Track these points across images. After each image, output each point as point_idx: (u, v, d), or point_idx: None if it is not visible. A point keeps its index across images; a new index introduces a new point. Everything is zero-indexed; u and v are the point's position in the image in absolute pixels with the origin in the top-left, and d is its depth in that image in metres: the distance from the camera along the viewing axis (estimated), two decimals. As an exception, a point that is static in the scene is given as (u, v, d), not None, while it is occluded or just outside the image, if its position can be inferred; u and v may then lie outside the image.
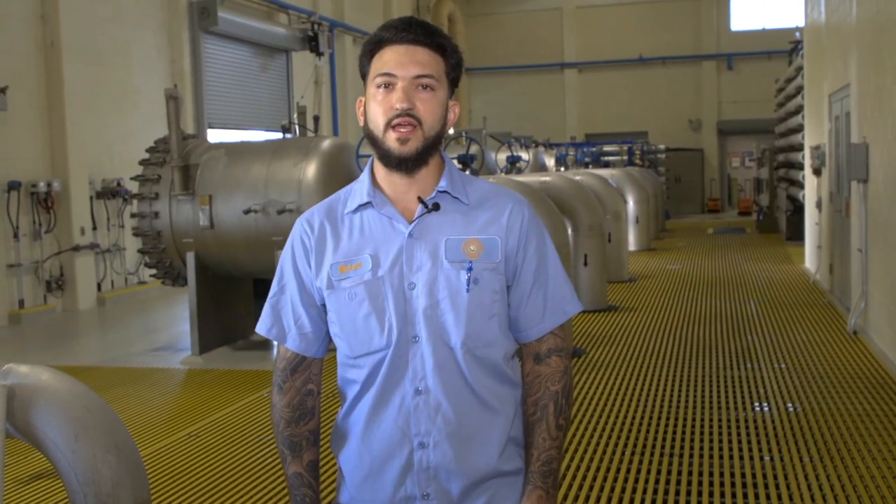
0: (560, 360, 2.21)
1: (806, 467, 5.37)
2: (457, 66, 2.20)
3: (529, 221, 2.21)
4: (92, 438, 2.80)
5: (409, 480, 2.13)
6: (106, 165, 13.90)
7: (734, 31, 32.02)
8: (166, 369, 8.90)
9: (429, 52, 2.12)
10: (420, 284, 2.11)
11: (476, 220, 2.16)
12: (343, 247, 2.18)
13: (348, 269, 2.15)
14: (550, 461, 2.17)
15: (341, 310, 2.17)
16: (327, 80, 22.12)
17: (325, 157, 8.71)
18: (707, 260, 16.59)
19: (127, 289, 14.28)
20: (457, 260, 2.11)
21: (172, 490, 5.41)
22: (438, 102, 2.12)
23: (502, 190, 2.25)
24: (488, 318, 2.13)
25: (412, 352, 2.11)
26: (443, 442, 2.10)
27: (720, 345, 8.90)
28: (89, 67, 13.72)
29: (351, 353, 2.18)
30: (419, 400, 2.10)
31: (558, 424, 2.18)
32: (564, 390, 2.20)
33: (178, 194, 8.88)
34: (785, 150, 19.65)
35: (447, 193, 2.17)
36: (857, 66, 9.50)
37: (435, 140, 2.14)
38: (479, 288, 2.11)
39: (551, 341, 2.21)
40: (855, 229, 9.48)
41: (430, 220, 2.14)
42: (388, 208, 2.16)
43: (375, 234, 2.16)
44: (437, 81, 2.12)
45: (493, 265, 2.13)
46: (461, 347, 2.10)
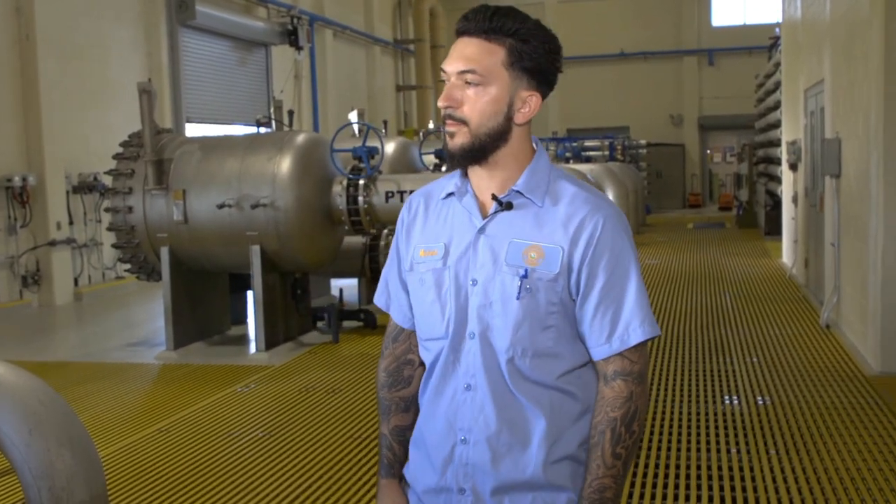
0: (625, 385, 2.07)
1: (772, 460, 5.41)
2: (532, 53, 2.05)
3: (604, 233, 2.06)
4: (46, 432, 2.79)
5: (450, 472, 2.15)
6: (83, 160, 13.82)
7: (715, 26, 32.11)
8: (140, 365, 8.87)
9: (481, 42, 2.04)
10: (480, 282, 2.09)
11: (545, 225, 2.08)
12: (428, 231, 2.21)
13: (426, 255, 2.18)
14: (603, 490, 2.06)
15: (414, 292, 2.22)
16: (307, 74, 22.05)
17: (299, 152, 8.69)
18: (686, 255, 16.66)
19: (104, 284, 14.22)
20: (514, 264, 2.06)
21: (140, 486, 5.40)
22: (488, 99, 2.04)
23: (588, 195, 2.11)
24: (542, 329, 2.07)
25: (466, 347, 2.11)
26: (482, 442, 2.10)
27: (694, 339, 8.94)
28: (65, 61, 13.65)
29: (421, 335, 2.23)
30: (468, 396, 2.11)
31: (615, 453, 2.06)
32: (625, 417, 2.06)
33: (151, 189, 8.85)
34: (764, 145, 19.75)
35: (521, 194, 2.10)
36: (830, 62, 9.55)
37: (491, 137, 2.06)
38: (532, 297, 2.05)
39: (618, 363, 2.08)
40: (828, 224, 9.54)
41: (503, 218, 2.10)
42: (468, 200, 2.15)
43: (455, 224, 2.16)
44: (485, 76, 2.03)
45: (550, 275, 2.05)
46: (505, 353, 2.07)
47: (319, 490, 5.23)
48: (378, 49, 26.67)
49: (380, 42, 26.73)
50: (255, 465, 5.70)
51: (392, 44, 27.86)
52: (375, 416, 6.65)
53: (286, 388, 7.59)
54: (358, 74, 25.52)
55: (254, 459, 5.79)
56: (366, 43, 26.04)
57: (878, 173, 7.35)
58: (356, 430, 6.37)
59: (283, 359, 8.70)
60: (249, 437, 6.26)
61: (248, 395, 7.47)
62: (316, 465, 5.65)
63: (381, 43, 26.86)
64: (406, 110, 29.11)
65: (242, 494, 5.20)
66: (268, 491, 5.24)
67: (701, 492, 4.98)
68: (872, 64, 7.48)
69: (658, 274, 13.95)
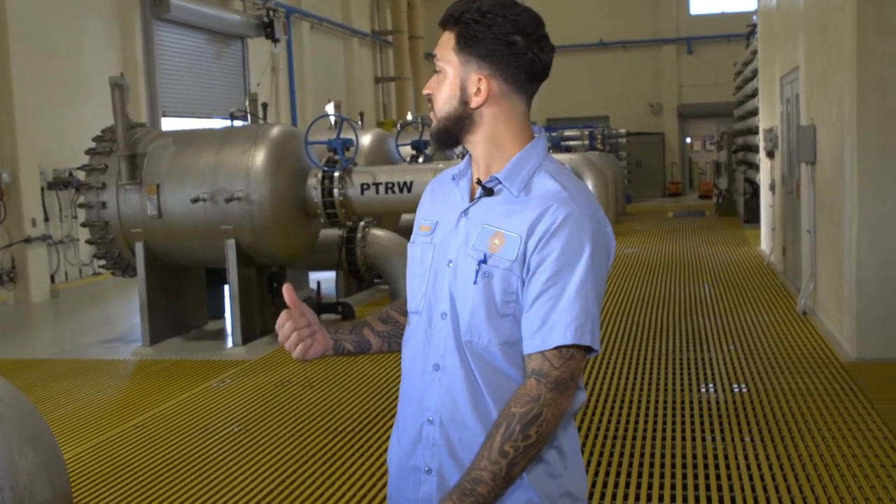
0: (536, 385, 1.96)
1: (747, 448, 5.42)
2: (476, 36, 2.05)
3: (561, 228, 1.99)
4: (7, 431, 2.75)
5: (419, 451, 2.13)
6: (57, 156, 13.71)
7: (693, 14, 32.16)
8: (116, 361, 8.81)
9: (444, 31, 2.11)
10: (454, 263, 2.11)
11: (513, 214, 2.06)
12: (430, 208, 2.26)
13: (423, 230, 2.23)
14: (477, 482, 1.95)
15: (409, 263, 2.26)
16: (285, 66, 21.95)
17: (273, 145, 8.63)
18: (665, 243, 16.68)
19: (81, 280, 14.13)
20: (478, 249, 2.06)
21: (114, 483, 5.36)
22: (446, 84, 2.10)
23: (562, 192, 2.05)
24: (500, 316, 2.04)
25: (438, 326, 2.11)
26: (447, 424, 2.08)
27: (672, 327, 8.95)
28: (38, 56, 13.52)
29: (409, 306, 2.24)
30: (436, 376, 2.11)
31: (502, 450, 1.94)
32: (524, 417, 1.94)
33: (125, 184, 8.77)
34: (743, 133, 19.79)
35: (499, 181, 2.10)
36: (804, 49, 9.56)
37: (452, 120, 2.11)
38: (488, 283, 2.04)
39: (537, 362, 1.98)
40: (804, 211, 9.56)
41: (484, 203, 2.11)
42: (464, 183, 2.19)
43: (449, 204, 2.19)
44: (442, 62, 2.10)
45: (506, 263, 2.03)
46: (463, 336, 2.07)
47: (294, 485, 5.21)
48: (356, 41, 26.58)
49: (358, 34, 26.64)
50: (231, 460, 5.66)
51: (370, 35, 27.78)
52: (351, 411, 6.63)
53: (262, 383, 7.55)
54: (336, 66, 25.43)
55: (229, 455, 5.76)
56: (343, 35, 25.94)
57: (852, 160, 7.36)
58: (331, 424, 6.34)
59: (259, 353, 8.66)
60: (225, 433, 6.22)
61: (223, 389, 7.42)
62: (291, 460, 5.62)
63: (359, 35, 26.78)
64: (385, 102, 29.04)
65: (217, 490, 5.17)
66: (242, 486, 5.21)
67: (675, 480, 4.98)
68: (845, 50, 7.50)
69: (637, 263, 13.96)
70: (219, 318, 10.31)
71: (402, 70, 27.71)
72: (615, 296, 10.93)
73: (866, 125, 7.25)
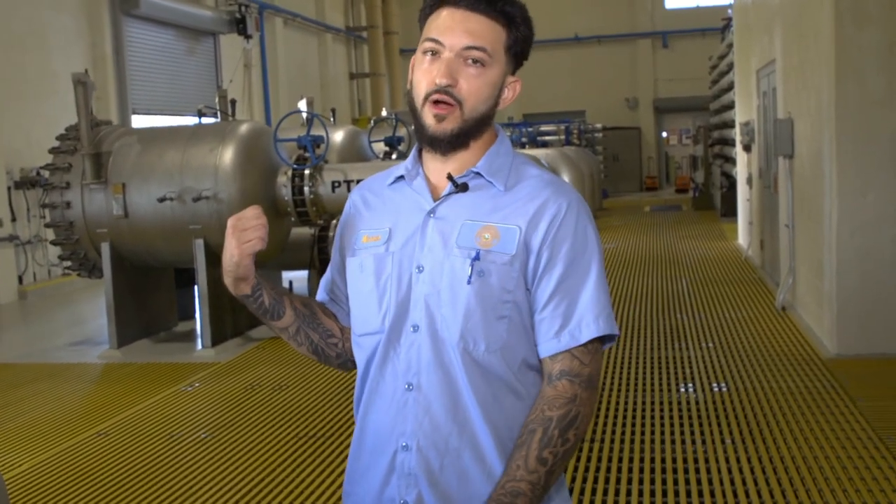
0: (570, 386, 1.85)
1: (727, 449, 5.28)
2: (524, 40, 1.95)
3: (567, 217, 1.88)
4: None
5: (394, 482, 1.92)
6: (24, 154, 13.43)
7: (668, 8, 32.13)
8: (83, 364, 8.59)
9: (488, 20, 1.89)
10: (427, 268, 1.90)
11: (503, 207, 1.91)
12: (372, 218, 2.04)
13: (369, 240, 2.00)
14: (516, 495, 1.79)
15: (352, 280, 2.03)
16: (258, 63, 21.71)
17: (242, 142, 8.44)
18: (642, 238, 16.58)
19: (50, 281, 13.86)
20: (467, 246, 1.88)
21: (76, 493, 5.16)
22: (487, 81, 1.89)
23: (552, 178, 1.96)
24: (496, 318, 1.87)
25: (409, 341, 1.91)
26: (427, 448, 1.88)
27: (649, 324, 8.82)
28: (3, 51, 13.24)
29: (355, 330, 2.03)
30: (409, 397, 1.90)
31: (541, 457, 1.80)
32: (563, 420, 1.82)
33: (89, 183, 8.55)
34: (719, 126, 19.73)
35: (481, 176, 1.94)
36: (781, 42, 9.46)
37: (478, 122, 1.92)
38: (484, 282, 1.86)
39: (566, 362, 1.86)
40: (782, 205, 9.46)
41: (456, 200, 1.93)
42: (419, 183, 1.99)
43: (401, 208, 1.99)
44: (491, 56, 1.88)
45: (505, 257, 1.86)
46: (457, 346, 1.87)
47: (263, 492, 5.03)
48: (330, 37, 26.35)
49: (332, 29, 26.41)
50: (197, 467, 5.47)
51: (344, 31, 27.55)
52: (322, 414, 6.46)
53: (231, 386, 7.36)
54: (310, 63, 25.20)
55: (196, 462, 5.57)
56: (317, 31, 25.71)
57: (831, 153, 7.25)
58: (301, 428, 6.17)
59: (229, 355, 8.46)
60: (192, 439, 6.03)
61: (191, 394, 7.23)
62: (259, 466, 5.44)
63: (333, 30, 26.55)
64: (360, 98, 28.82)
65: (183, 499, 4.98)
66: (209, 494, 5.03)
67: (655, 485, 4.84)
68: (823, 41, 7.38)
69: (613, 258, 13.84)
70: (190, 318, 10.10)
71: (377, 66, 27.51)
72: (592, 292, 10.78)
73: (845, 117, 7.14)
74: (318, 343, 2.14)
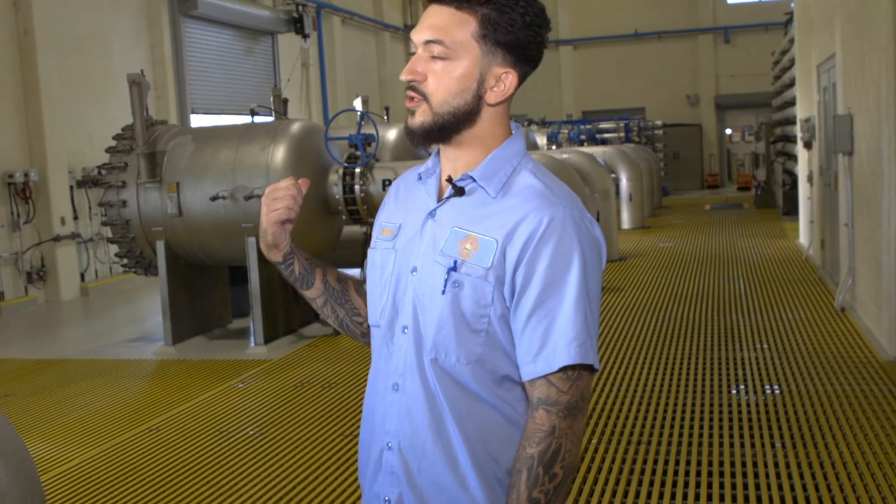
0: (546, 417, 1.76)
1: (777, 453, 5.17)
2: (506, 25, 1.80)
3: (547, 233, 1.77)
4: (-23, 448, 2.64)
5: (380, 479, 1.93)
6: (87, 154, 13.69)
7: (731, 3, 31.63)
8: (138, 361, 8.72)
9: (454, 11, 1.81)
10: (419, 271, 1.88)
11: (488, 217, 1.83)
12: (394, 210, 2.04)
13: (385, 234, 2.00)
14: None
15: (368, 270, 2.04)
16: (316, 62, 21.84)
17: (293, 141, 8.49)
18: (701, 237, 16.36)
19: (111, 278, 14.10)
20: (448, 254, 1.83)
21: (124, 488, 5.23)
22: (452, 75, 1.81)
23: (545, 191, 1.84)
24: (470, 331, 1.81)
25: (400, 342, 1.90)
26: (407, 451, 1.88)
27: (703, 325, 8.69)
28: (65, 55, 13.49)
29: (369, 318, 2.04)
30: (395, 397, 1.90)
31: (531, 498, 1.75)
32: (544, 455, 1.75)
33: (144, 182, 8.67)
34: (782, 123, 19.37)
35: (473, 180, 1.88)
36: (840, 36, 9.25)
37: (455, 116, 1.83)
38: (459, 293, 1.81)
39: (543, 389, 1.77)
40: (842, 203, 9.25)
41: (454, 204, 1.88)
42: (431, 182, 1.96)
43: (414, 206, 1.97)
44: (452, 49, 1.80)
45: (479, 270, 1.80)
46: (428, 353, 1.85)
47: (308, 489, 5.05)
48: (388, 35, 26.42)
49: (389, 28, 26.48)
50: (245, 464, 5.51)
51: (402, 29, 27.59)
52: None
53: (283, 383, 7.41)
54: (367, 61, 25.29)
55: (243, 458, 5.61)
56: (375, 29, 25.80)
57: (891, 150, 7.06)
58: (349, 426, 6.18)
59: (282, 352, 8.52)
60: (241, 436, 6.08)
61: (243, 391, 7.29)
62: (306, 464, 5.46)
63: (391, 29, 26.61)
64: (418, 96, 28.81)
65: (228, 495, 5.02)
66: (254, 491, 5.06)
67: (700, 488, 4.76)
68: (882, 36, 7.19)
69: (672, 257, 13.68)
70: (245, 316, 10.19)
71: (435, 64, 27.48)
72: (648, 292, 10.68)
73: (904, 114, 6.95)
74: (344, 318, 2.17)
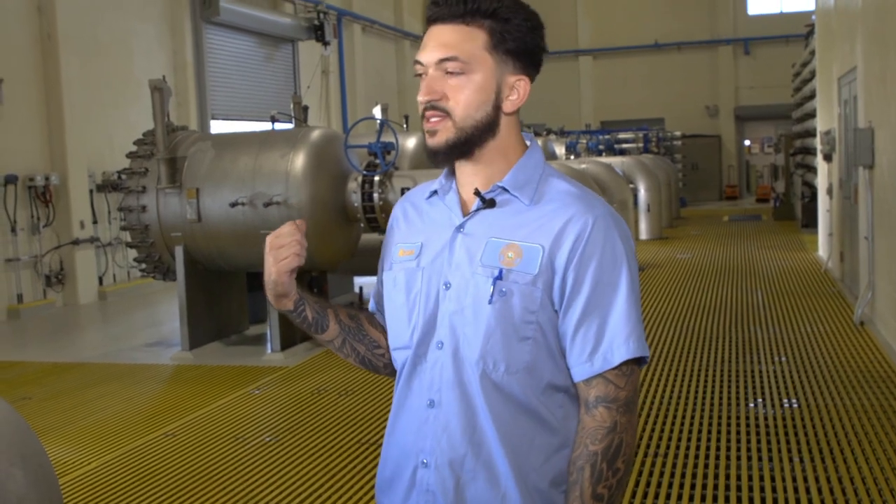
0: (608, 414, 1.80)
1: (796, 468, 5.14)
2: (515, 33, 1.84)
3: (594, 234, 1.82)
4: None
5: (413, 498, 1.93)
6: (107, 158, 13.76)
7: (751, 14, 31.58)
8: (155, 365, 8.75)
9: (461, 27, 1.83)
10: (454, 285, 1.88)
11: (528, 224, 1.85)
12: (408, 231, 2.03)
13: (404, 254, 2.00)
14: None
15: (388, 294, 2.03)
16: (335, 69, 21.91)
17: (313, 149, 8.50)
18: (719, 248, 16.30)
19: (129, 283, 14.16)
20: (490, 265, 1.84)
21: (139, 493, 5.24)
22: (474, 87, 1.83)
23: (580, 193, 1.88)
24: (518, 339, 1.83)
25: (434, 358, 1.90)
26: (444, 467, 1.87)
27: (721, 337, 8.65)
28: (88, 59, 13.59)
29: (391, 343, 2.03)
30: (430, 413, 1.90)
31: (595, 494, 1.78)
32: (607, 452, 1.79)
33: (164, 187, 8.71)
34: (802, 135, 19.32)
35: (507, 191, 1.89)
36: (862, 49, 9.21)
37: (478, 129, 1.86)
38: (506, 302, 1.82)
39: (601, 388, 1.81)
40: (862, 216, 9.21)
41: (484, 216, 1.89)
42: (451, 197, 1.96)
43: (434, 222, 1.97)
44: (469, 63, 1.82)
45: (527, 277, 1.82)
46: (475, 366, 1.84)
47: (323, 497, 5.04)
48: (408, 43, 26.49)
49: (409, 36, 26.54)
50: (260, 470, 5.52)
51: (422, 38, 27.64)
52: (386, 421, 6.45)
53: (299, 390, 7.42)
54: (387, 69, 25.36)
55: (259, 465, 5.62)
56: (395, 37, 25.87)
57: (912, 164, 7.02)
58: (365, 434, 6.18)
59: (298, 359, 8.53)
60: (256, 442, 6.08)
61: (258, 397, 7.30)
62: (321, 471, 5.46)
63: (411, 37, 26.67)
64: (437, 105, 28.87)
65: (244, 502, 5.02)
66: (270, 498, 5.06)
67: (717, 502, 4.73)
68: (905, 50, 7.16)
69: (689, 268, 13.63)
70: (262, 322, 10.21)
71: (454, 72, 27.53)
72: (665, 303, 10.64)
73: (927, 128, 6.91)
74: (365, 354, 2.15)
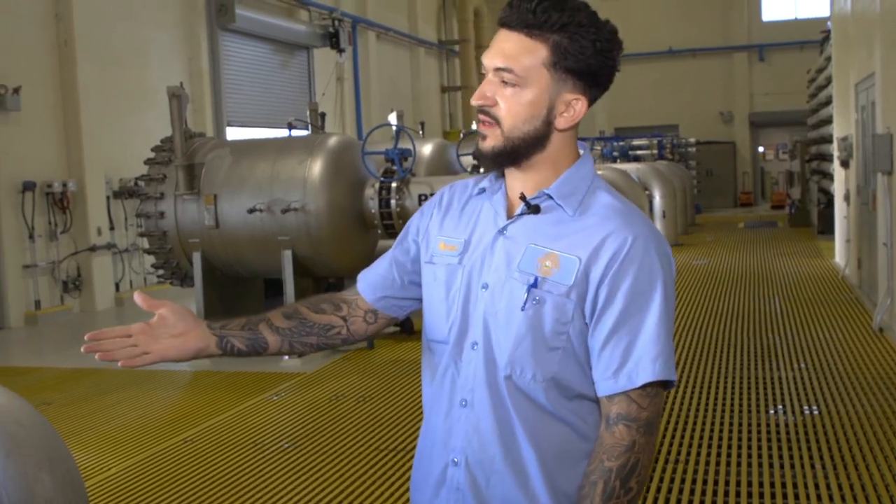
0: (627, 432, 1.79)
1: (817, 475, 5.11)
2: (577, 54, 1.80)
3: (632, 252, 1.79)
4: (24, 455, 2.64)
5: (443, 495, 1.94)
6: (123, 165, 13.79)
7: (766, 21, 31.52)
8: (173, 371, 8.76)
9: (525, 38, 1.80)
10: (491, 286, 1.89)
11: (569, 235, 1.84)
12: (452, 224, 2.02)
13: (446, 249, 1.99)
14: None
15: (427, 287, 2.04)
16: (350, 76, 21.95)
17: (330, 155, 8.53)
18: (735, 255, 16.25)
19: (146, 288, 14.18)
20: (526, 271, 1.84)
21: (158, 499, 5.25)
22: (522, 102, 1.82)
23: (625, 209, 1.87)
24: (548, 349, 1.82)
25: (469, 358, 1.91)
26: (475, 467, 1.89)
27: (740, 344, 8.62)
28: (104, 66, 13.64)
29: (427, 335, 2.03)
30: (463, 413, 1.91)
31: None
32: (622, 470, 1.77)
33: (182, 194, 8.75)
34: (817, 141, 19.27)
35: (551, 198, 1.89)
36: (881, 55, 9.18)
37: (525, 141, 1.84)
38: (538, 310, 1.82)
39: (623, 405, 1.80)
40: (881, 223, 9.17)
41: (527, 222, 1.89)
42: (498, 198, 1.95)
43: (480, 221, 1.97)
44: (523, 77, 1.80)
45: (562, 288, 1.81)
46: (503, 370, 1.86)
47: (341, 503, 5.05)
48: (422, 50, 26.53)
49: (424, 43, 26.58)
50: (279, 477, 5.52)
51: (436, 45, 27.69)
52: (405, 427, 6.46)
53: (316, 396, 7.42)
54: (402, 76, 25.39)
55: (278, 471, 5.62)
56: (410, 44, 25.90)
57: (932, 170, 6.99)
58: (384, 440, 6.18)
59: (316, 365, 8.54)
60: (274, 448, 6.09)
61: (276, 403, 7.31)
62: (340, 478, 5.46)
63: (426, 44, 26.71)
64: (451, 111, 28.94)
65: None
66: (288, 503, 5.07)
67: (740, 509, 4.71)
68: (925, 55, 7.14)
69: (705, 275, 13.59)
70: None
71: (469, 79, 27.57)
72: (681, 310, 10.61)
73: (947, 133, 6.88)
74: (318, 342, 2.13)
